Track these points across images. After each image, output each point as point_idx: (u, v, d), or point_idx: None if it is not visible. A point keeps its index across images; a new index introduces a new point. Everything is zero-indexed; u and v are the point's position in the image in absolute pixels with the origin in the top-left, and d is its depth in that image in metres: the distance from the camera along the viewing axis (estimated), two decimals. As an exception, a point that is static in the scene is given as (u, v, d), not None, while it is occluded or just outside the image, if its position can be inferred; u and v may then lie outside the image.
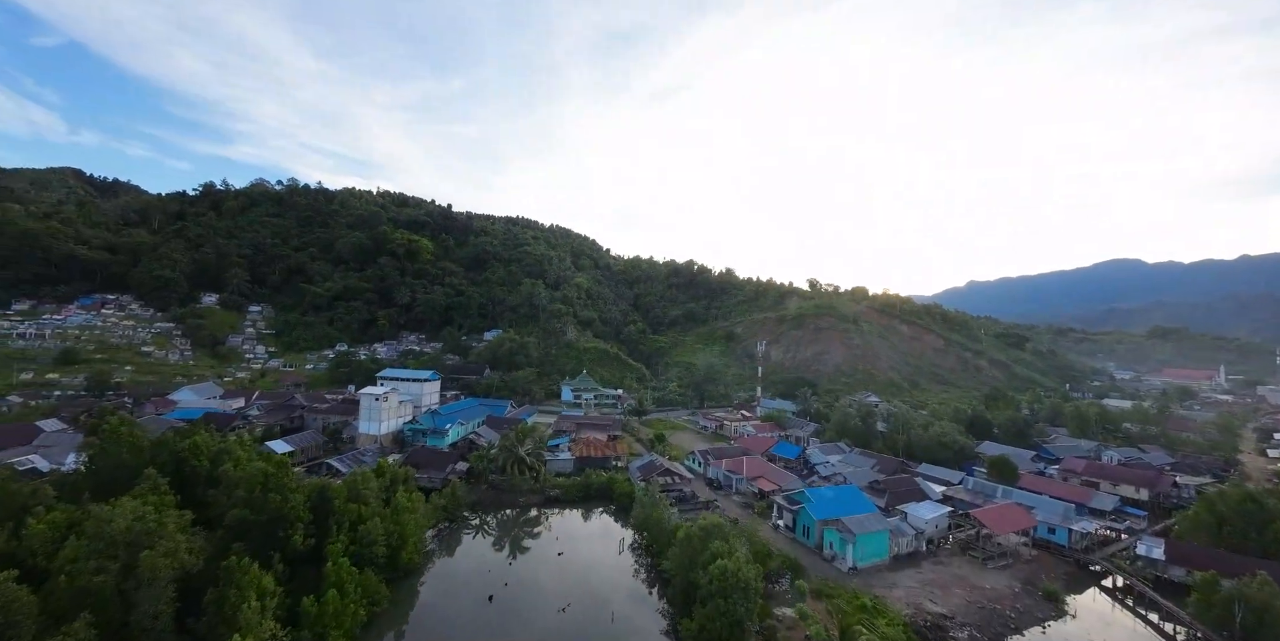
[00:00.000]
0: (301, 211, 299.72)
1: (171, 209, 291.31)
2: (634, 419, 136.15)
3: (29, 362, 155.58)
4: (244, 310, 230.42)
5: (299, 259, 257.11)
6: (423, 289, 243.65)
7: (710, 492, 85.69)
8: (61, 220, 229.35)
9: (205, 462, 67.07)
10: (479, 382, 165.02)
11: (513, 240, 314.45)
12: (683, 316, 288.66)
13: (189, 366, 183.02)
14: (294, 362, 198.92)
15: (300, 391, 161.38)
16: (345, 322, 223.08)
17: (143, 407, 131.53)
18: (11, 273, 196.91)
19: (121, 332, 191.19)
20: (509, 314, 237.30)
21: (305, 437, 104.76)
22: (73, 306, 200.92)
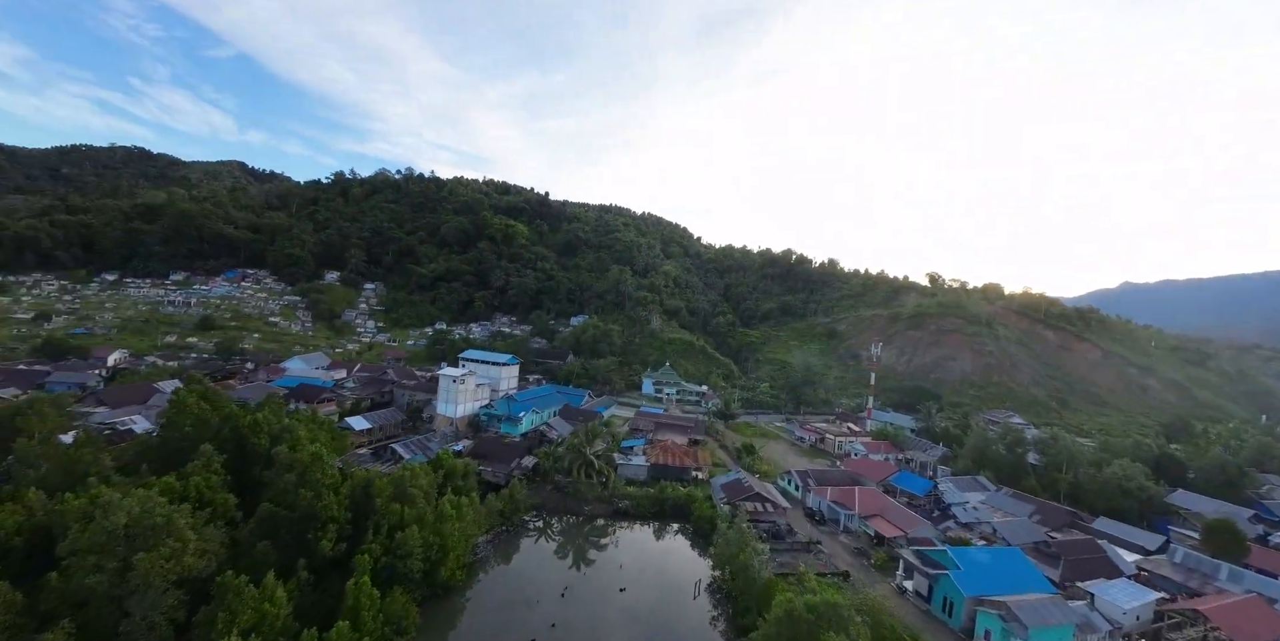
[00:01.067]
0: (415, 198, 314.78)
1: (307, 195, 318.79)
2: (719, 422, 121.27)
3: (174, 327, 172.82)
4: (360, 287, 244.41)
5: (409, 242, 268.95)
6: (516, 272, 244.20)
7: (811, 527, 69.30)
8: (215, 203, 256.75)
9: (265, 441, 63.24)
10: (561, 368, 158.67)
11: (603, 227, 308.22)
12: (777, 310, 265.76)
13: (307, 337, 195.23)
14: (398, 338, 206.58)
15: (398, 366, 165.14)
16: (446, 302, 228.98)
17: (256, 373, 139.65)
18: (172, 248, 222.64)
19: (255, 303, 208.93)
20: (595, 300, 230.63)
21: (385, 415, 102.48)
22: (219, 279, 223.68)
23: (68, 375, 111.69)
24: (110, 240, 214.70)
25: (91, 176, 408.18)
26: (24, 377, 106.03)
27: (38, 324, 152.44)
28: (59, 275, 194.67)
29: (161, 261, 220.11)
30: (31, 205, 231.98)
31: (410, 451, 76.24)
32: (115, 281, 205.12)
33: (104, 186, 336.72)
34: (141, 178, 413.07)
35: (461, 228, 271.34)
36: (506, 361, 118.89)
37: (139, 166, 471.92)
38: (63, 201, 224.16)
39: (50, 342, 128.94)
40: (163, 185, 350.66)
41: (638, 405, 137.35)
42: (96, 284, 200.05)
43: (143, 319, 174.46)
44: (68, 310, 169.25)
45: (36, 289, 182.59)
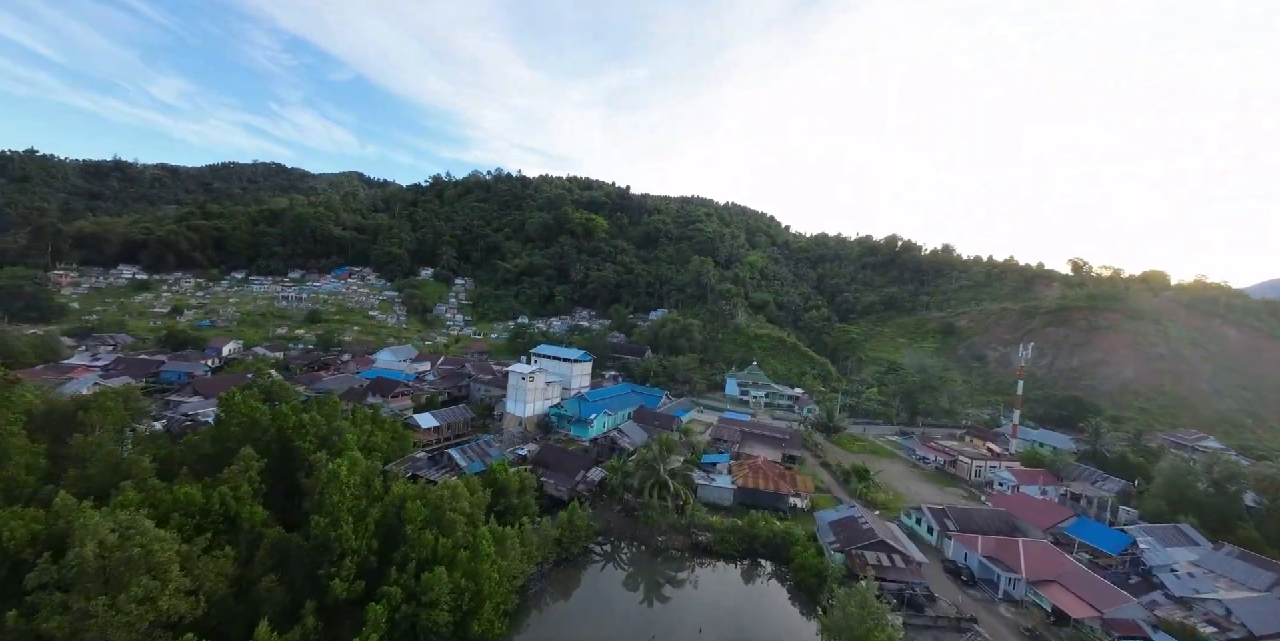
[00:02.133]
0: (503, 196, 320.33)
1: (408, 197, 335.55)
2: (817, 434, 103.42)
3: (286, 320, 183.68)
4: (451, 283, 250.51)
5: (496, 238, 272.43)
6: (595, 266, 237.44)
7: (957, 590, 51.53)
8: (327, 207, 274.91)
9: (310, 445, 57.37)
10: (638, 365, 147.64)
11: (684, 218, 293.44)
12: (880, 303, 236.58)
13: (400, 330, 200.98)
14: (483, 331, 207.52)
15: (478, 359, 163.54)
16: (528, 297, 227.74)
17: (347, 365, 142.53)
18: (290, 248, 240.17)
19: (357, 298, 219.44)
20: (675, 293, 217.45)
21: (455, 413, 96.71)
22: (329, 276, 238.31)
23: (180, 365, 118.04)
24: (239, 242, 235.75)
25: (237, 189, 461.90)
26: (140, 367, 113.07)
27: (171, 317, 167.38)
28: (196, 274, 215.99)
29: (281, 260, 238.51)
30: (177, 213, 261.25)
31: (468, 458, 68.10)
32: (242, 279, 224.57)
33: (244, 197, 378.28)
34: (277, 189, 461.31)
35: (544, 223, 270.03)
36: (578, 358, 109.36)
37: (276, 179, 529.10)
38: (201, 208, 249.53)
39: (173, 334, 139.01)
40: (292, 195, 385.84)
41: (721, 409, 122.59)
42: (226, 281, 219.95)
43: (260, 312, 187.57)
44: (198, 305, 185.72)
45: (176, 286, 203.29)
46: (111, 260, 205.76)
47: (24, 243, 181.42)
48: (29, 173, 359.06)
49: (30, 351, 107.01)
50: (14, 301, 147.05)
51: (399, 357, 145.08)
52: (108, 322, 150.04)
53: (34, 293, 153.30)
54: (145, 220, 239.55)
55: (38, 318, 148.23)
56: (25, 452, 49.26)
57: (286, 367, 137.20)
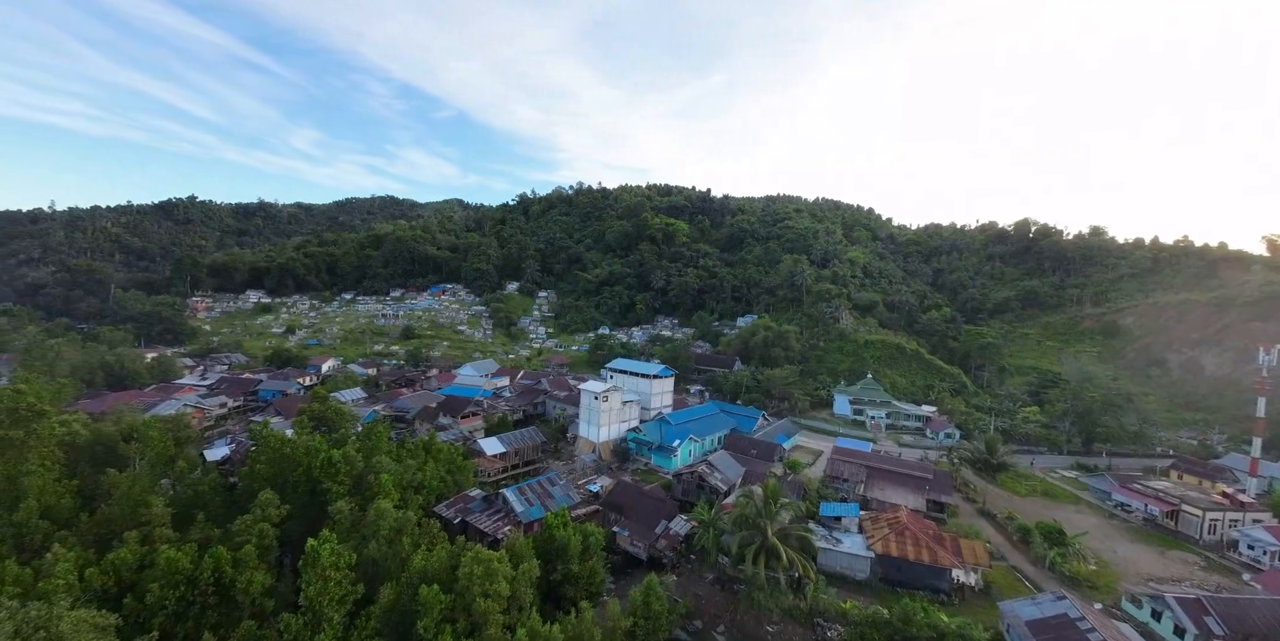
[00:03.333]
0: (584, 209, 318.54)
1: (497, 216, 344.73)
2: (967, 467, 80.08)
3: (383, 337, 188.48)
4: (534, 295, 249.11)
5: (577, 250, 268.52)
6: (677, 272, 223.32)
7: None
8: (424, 229, 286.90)
9: (340, 488, 48.06)
10: (726, 378, 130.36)
11: (771, 216, 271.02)
12: (1016, 299, 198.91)
13: (486, 344, 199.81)
14: (564, 343, 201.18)
15: (557, 372, 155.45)
16: (609, 307, 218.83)
17: (429, 381, 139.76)
18: (391, 269, 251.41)
19: (448, 314, 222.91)
20: (765, 297, 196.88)
21: (523, 437, 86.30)
22: (424, 294, 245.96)
23: (276, 383, 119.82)
24: (347, 265, 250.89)
25: (357, 221, 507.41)
26: (240, 386, 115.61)
27: (284, 337, 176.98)
28: (311, 296, 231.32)
29: (384, 281, 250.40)
30: (295, 243, 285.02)
31: (526, 501, 55.93)
32: (350, 299, 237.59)
33: (360, 226, 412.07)
34: (389, 218, 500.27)
35: (623, 231, 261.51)
36: (658, 373, 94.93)
37: (389, 210, 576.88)
38: (318, 237, 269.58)
39: (279, 353, 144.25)
40: (397, 221, 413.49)
41: (830, 432, 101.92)
42: (336, 302, 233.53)
43: (360, 330, 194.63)
44: (309, 324, 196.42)
45: (294, 308, 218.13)
46: (240, 286, 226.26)
47: (167, 274, 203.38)
48: (191, 216, 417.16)
49: (146, 372, 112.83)
50: (153, 325, 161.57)
51: (479, 372, 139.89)
52: (228, 343, 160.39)
53: (170, 317, 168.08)
54: (270, 250, 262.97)
55: (172, 339, 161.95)
56: (46, 492, 43.72)
57: (376, 383, 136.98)
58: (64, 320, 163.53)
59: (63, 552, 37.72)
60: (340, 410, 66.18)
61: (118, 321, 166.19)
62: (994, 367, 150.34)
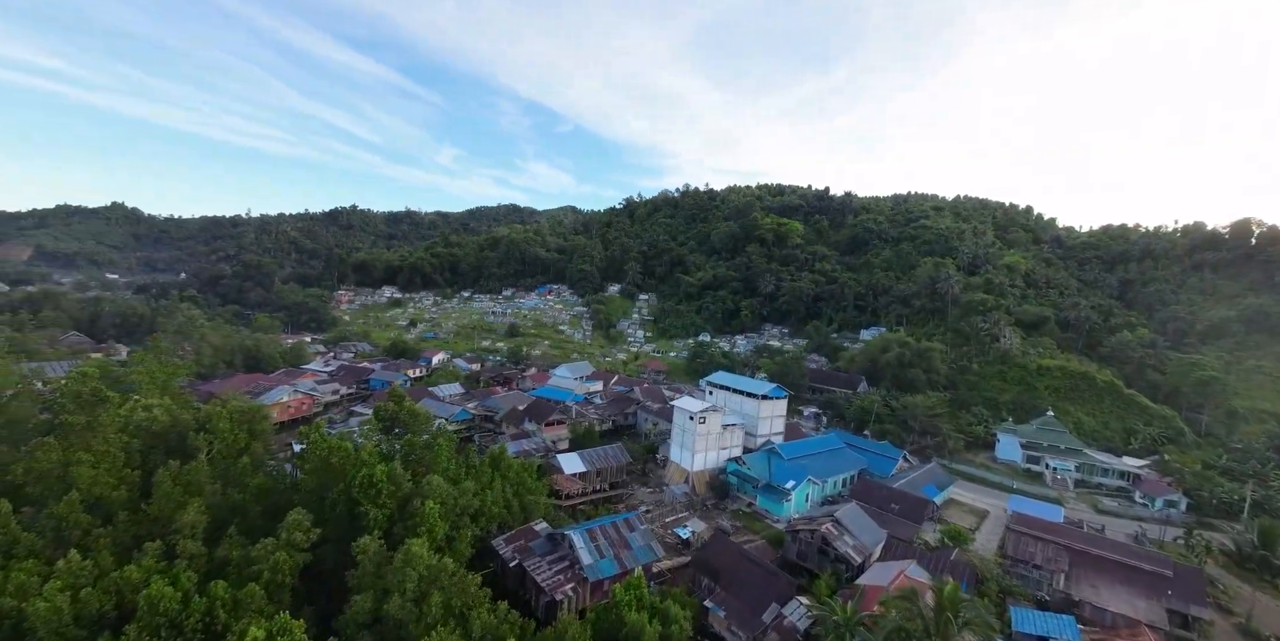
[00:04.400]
0: (689, 210, 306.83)
1: (603, 219, 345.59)
2: (1211, 557, 53.63)
3: (491, 333, 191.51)
4: (635, 298, 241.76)
5: (680, 252, 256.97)
6: (789, 276, 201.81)
7: None
8: (535, 232, 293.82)
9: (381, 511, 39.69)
10: (850, 402, 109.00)
11: (902, 216, 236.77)
12: (1237, 320, 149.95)
13: (585, 345, 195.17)
14: (663, 349, 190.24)
15: (651, 380, 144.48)
16: (711, 312, 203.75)
17: (526, 380, 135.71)
18: (505, 269, 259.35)
19: (551, 314, 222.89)
20: (897, 306, 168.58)
21: (607, 455, 74.67)
22: (533, 294, 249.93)
23: (387, 374, 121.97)
24: (468, 265, 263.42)
25: (483, 227, 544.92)
26: (355, 374, 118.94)
27: (407, 329, 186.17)
28: (435, 293, 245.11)
29: (498, 280, 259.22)
30: (424, 244, 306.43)
31: (596, 551, 43.86)
32: (468, 297, 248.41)
33: (483, 231, 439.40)
34: (509, 224, 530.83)
35: (730, 233, 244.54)
36: (769, 393, 78.33)
37: (511, 218, 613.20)
38: (445, 240, 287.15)
39: (396, 344, 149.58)
40: (513, 225, 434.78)
41: (997, 485, 77.80)
42: (456, 299, 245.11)
43: (472, 326, 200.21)
44: (429, 319, 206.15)
45: (420, 303, 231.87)
46: (378, 282, 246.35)
47: (320, 270, 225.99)
48: (352, 222, 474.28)
49: (280, 356, 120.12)
50: (302, 314, 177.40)
51: (574, 374, 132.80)
52: (358, 333, 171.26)
53: (316, 307, 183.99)
54: (404, 250, 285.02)
55: (315, 327, 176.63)
56: (98, 483, 40.08)
57: (476, 379, 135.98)
58: (235, 307, 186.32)
59: (75, 561, 32.56)
60: (415, 412, 59.46)
61: (275, 309, 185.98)
62: (1218, 410, 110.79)
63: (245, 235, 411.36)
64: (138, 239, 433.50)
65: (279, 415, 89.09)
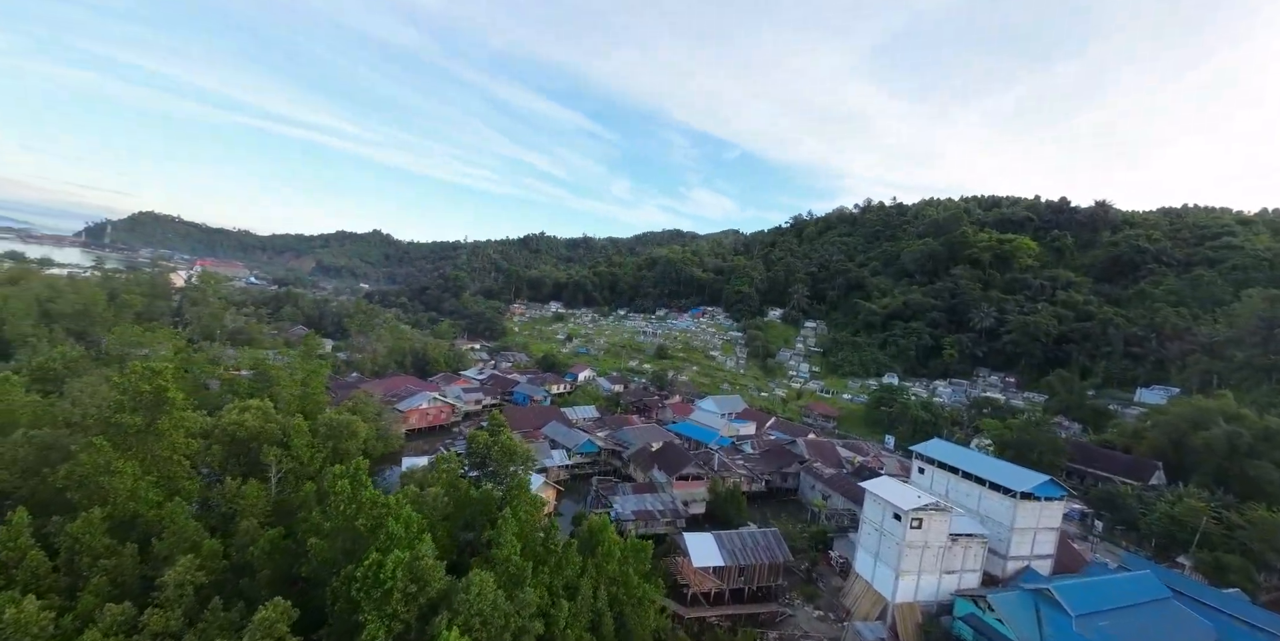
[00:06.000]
0: (870, 227, 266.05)
1: (766, 239, 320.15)
2: None
3: (639, 353, 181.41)
4: (799, 325, 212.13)
5: (859, 274, 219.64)
6: (1016, 307, 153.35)
7: None
8: (692, 252, 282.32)
9: (387, 626, 25.04)
10: (1144, 504, 68.01)
11: (1190, 232, 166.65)
12: None
13: (737, 374, 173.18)
14: (832, 388, 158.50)
15: (828, 430, 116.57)
16: (899, 347, 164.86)
17: (665, 410, 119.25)
18: (660, 289, 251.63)
19: (703, 337, 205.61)
20: (1202, 358, 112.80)
21: (756, 545, 51.54)
22: (685, 314, 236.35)
23: (530, 388, 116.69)
24: (625, 284, 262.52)
25: (647, 250, 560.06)
26: (501, 385, 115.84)
27: (562, 343, 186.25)
28: (594, 310, 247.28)
29: (652, 300, 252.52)
30: (589, 264, 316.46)
31: None
32: (624, 315, 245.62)
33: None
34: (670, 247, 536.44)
35: (927, 252, 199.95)
36: (1033, 491, 47.39)
37: (674, 242, 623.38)
38: (607, 259, 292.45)
39: (547, 357, 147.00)
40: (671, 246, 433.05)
41: None
42: (613, 316, 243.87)
43: (622, 345, 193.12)
44: (584, 334, 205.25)
45: (579, 319, 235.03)
46: (547, 298, 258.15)
47: (499, 285, 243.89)
48: (540, 247, 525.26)
49: (443, 360, 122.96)
50: (479, 323, 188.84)
51: (721, 410, 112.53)
52: (518, 343, 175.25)
53: (491, 318, 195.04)
54: (570, 269, 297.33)
55: (488, 335, 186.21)
56: (135, 497, 33.07)
57: (616, 402, 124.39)
58: (432, 313, 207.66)
59: (28, 612, 23.61)
60: (510, 449, 46.19)
61: (460, 317, 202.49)
62: None
63: (459, 256, 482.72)
64: (387, 258, 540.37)
65: (417, 422, 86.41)
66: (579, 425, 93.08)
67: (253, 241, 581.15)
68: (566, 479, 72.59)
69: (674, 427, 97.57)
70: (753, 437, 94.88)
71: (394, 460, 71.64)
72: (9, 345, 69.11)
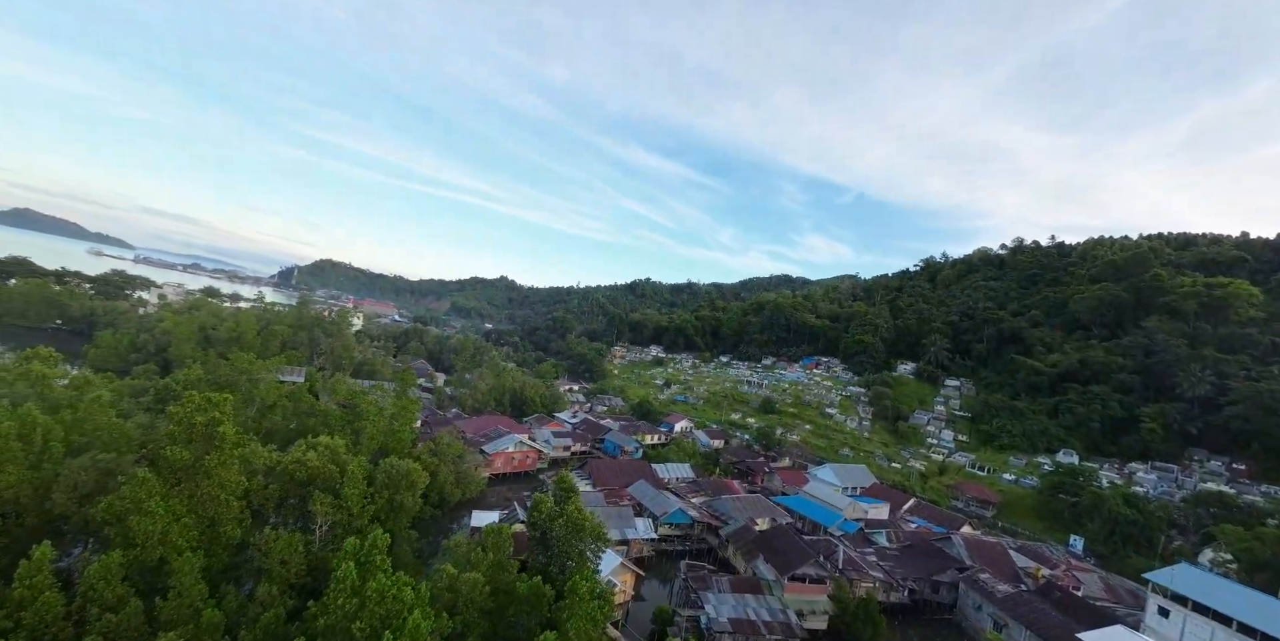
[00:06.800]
0: (1024, 270, 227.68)
1: (892, 285, 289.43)
2: None
3: (743, 405, 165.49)
4: (938, 383, 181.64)
5: (1014, 324, 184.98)
6: (1239, 370, 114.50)
7: None
8: (805, 298, 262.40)
9: None
10: None
11: None
12: None
13: (860, 438, 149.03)
14: (987, 464, 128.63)
15: (988, 515, 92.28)
16: (1076, 417, 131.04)
17: (773, 475, 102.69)
18: (767, 335, 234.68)
19: (817, 391, 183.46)
20: None
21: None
22: (796, 365, 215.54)
23: (621, 437, 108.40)
24: (729, 329, 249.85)
25: (752, 295, 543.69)
26: (593, 431, 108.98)
27: (660, 389, 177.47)
28: (695, 355, 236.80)
29: (758, 347, 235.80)
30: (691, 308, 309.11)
31: None
32: (726, 362, 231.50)
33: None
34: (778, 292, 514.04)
35: (1107, 300, 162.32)
36: None
37: (783, 288, 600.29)
38: (710, 304, 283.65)
39: (642, 404, 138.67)
40: (781, 291, 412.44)
41: None
42: (714, 363, 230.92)
43: (724, 395, 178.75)
44: (683, 381, 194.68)
45: (679, 364, 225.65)
46: (647, 341, 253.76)
47: (602, 327, 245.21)
48: (645, 292, 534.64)
49: (539, 401, 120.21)
50: (581, 364, 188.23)
51: (842, 483, 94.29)
52: (615, 387, 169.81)
53: (593, 360, 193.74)
54: (671, 312, 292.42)
55: (587, 377, 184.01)
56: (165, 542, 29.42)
57: (715, 460, 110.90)
58: (539, 353, 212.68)
59: None
60: (578, 523, 37.11)
61: (565, 358, 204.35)
62: None
63: (571, 300, 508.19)
64: (510, 301, 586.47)
65: (501, 466, 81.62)
66: (671, 485, 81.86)
67: (404, 285, 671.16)
68: (650, 554, 61.18)
69: (784, 501, 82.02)
70: (887, 525, 75.33)
71: (478, 503, 66.76)
72: (172, 364, 77.49)
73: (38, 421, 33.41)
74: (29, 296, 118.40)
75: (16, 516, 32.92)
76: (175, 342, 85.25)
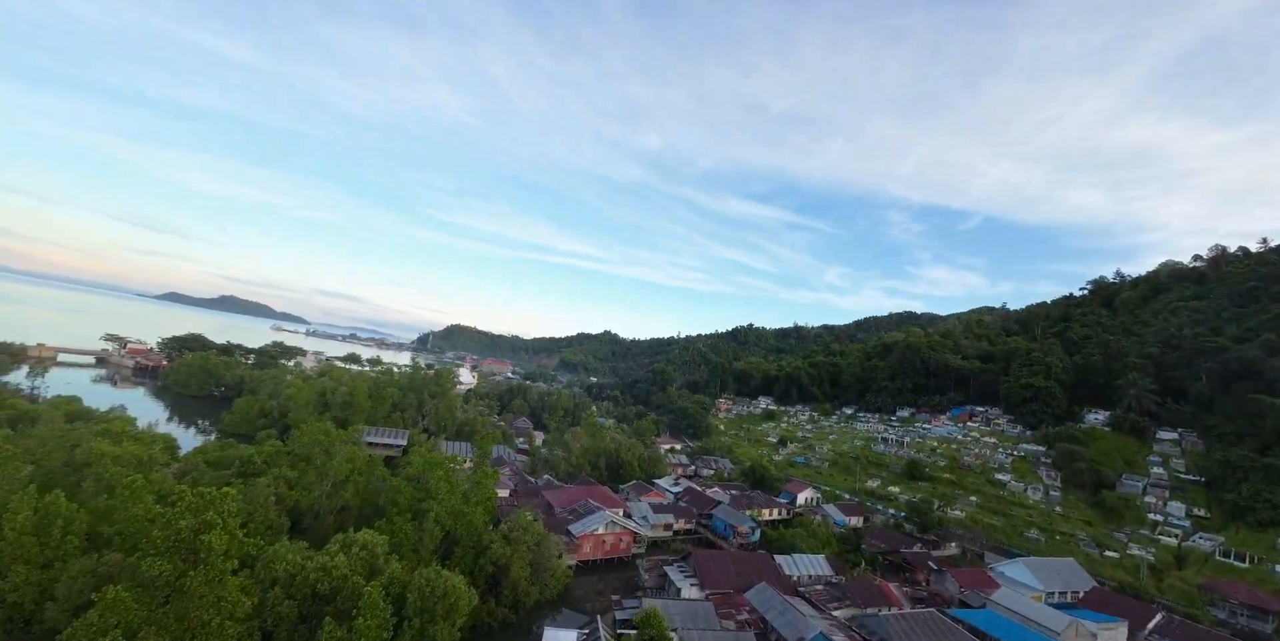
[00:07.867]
0: (1236, 284, 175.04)
1: (1055, 314, 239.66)
2: None
3: (881, 469, 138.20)
4: (1149, 436, 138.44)
5: (1244, 354, 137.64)
6: None
7: None
8: (943, 335, 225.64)
9: None
10: None
11: None
12: None
13: (1051, 514, 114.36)
14: (1246, 548, 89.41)
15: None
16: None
17: (942, 576, 77.66)
18: (898, 382, 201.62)
19: (978, 451, 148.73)
20: None
21: None
22: (942, 417, 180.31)
23: (732, 514, 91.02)
24: (850, 376, 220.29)
25: (872, 337, 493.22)
26: (699, 504, 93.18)
27: (775, 448, 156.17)
28: (811, 407, 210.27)
29: (889, 396, 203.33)
30: (803, 354, 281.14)
31: None
32: (850, 415, 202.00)
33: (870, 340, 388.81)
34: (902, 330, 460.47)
35: None
36: None
37: (905, 325, 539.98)
38: (824, 348, 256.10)
39: (754, 468, 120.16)
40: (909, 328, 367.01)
41: None
42: (836, 416, 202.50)
43: (854, 455, 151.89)
44: (802, 438, 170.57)
45: (794, 418, 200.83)
46: (755, 392, 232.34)
47: (704, 379, 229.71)
48: (747, 339, 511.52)
49: (637, 464, 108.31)
50: (681, 419, 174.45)
51: (1045, 586, 68.55)
52: (721, 446, 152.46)
53: (695, 414, 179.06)
54: (782, 360, 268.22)
55: (691, 434, 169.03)
56: None
57: (855, 546, 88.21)
58: (640, 407, 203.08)
59: None
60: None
61: (665, 412, 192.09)
62: None
63: (673, 351, 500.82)
64: (614, 354, 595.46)
65: (590, 550, 69.55)
66: (802, 587, 63.32)
67: (520, 344, 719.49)
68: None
69: (967, 617, 59.13)
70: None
71: (562, 600, 55.62)
72: (290, 429, 79.42)
73: (60, 512, 30.24)
74: (192, 367, 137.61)
75: (24, 623, 28.51)
76: (295, 408, 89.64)
